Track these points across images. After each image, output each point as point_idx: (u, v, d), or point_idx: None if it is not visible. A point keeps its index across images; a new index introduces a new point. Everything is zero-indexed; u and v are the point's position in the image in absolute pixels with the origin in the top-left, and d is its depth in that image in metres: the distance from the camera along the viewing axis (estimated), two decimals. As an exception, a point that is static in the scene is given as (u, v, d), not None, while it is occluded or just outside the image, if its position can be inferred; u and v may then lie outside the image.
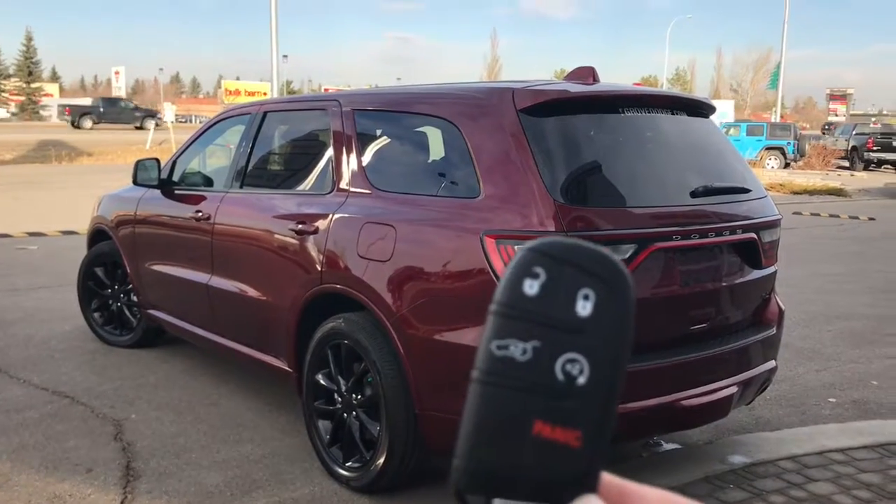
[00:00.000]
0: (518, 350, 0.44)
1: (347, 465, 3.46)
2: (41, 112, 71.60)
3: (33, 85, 74.88)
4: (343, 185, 3.65)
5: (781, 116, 41.74)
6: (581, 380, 0.44)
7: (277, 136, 4.59)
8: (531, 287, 0.44)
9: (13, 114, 72.59)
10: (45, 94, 77.83)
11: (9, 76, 74.20)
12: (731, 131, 29.83)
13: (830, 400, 4.72)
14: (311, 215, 3.69)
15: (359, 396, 3.42)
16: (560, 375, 0.44)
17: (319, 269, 3.57)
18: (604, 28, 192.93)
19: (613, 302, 0.44)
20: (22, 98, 73.13)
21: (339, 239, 3.49)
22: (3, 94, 72.62)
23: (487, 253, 2.88)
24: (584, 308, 0.44)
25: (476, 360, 0.45)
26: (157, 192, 5.03)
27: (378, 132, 3.78)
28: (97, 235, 5.80)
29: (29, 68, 75.86)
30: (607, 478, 0.46)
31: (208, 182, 4.91)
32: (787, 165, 29.90)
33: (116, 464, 3.66)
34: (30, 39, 77.48)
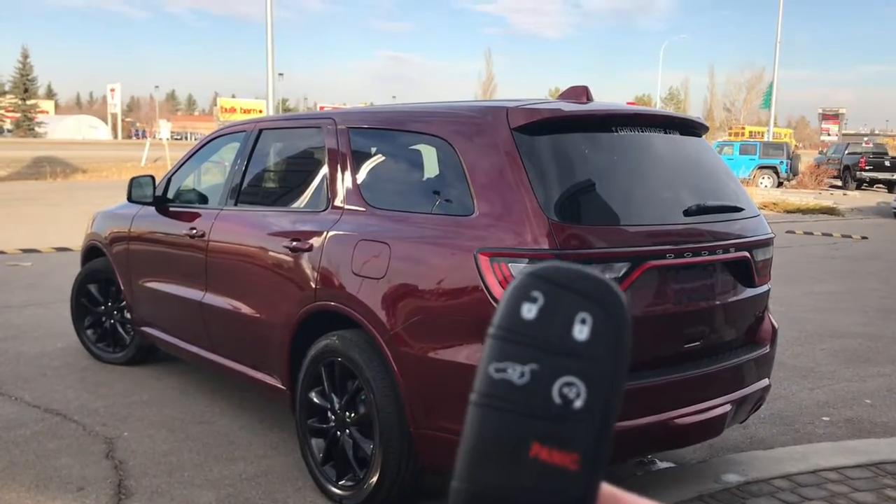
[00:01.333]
0: (516, 373, 0.44)
1: (341, 483, 3.44)
2: (37, 129, 71.65)
3: (29, 102, 74.97)
4: (338, 202, 3.66)
5: (774, 136, 41.93)
6: (578, 403, 0.44)
7: (272, 154, 4.60)
8: (529, 311, 0.45)
9: (9, 130, 72.70)
10: (41, 111, 77.96)
11: (4, 93, 74.29)
12: (725, 150, 29.97)
13: (824, 418, 4.72)
14: (306, 233, 3.70)
15: (352, 414, 3.41)
16: (557, 399, 0.44)
17: (314, 286, 3.57)
18: (598, 48, 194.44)
19: (610, 326, 0.45)
20: (17, 115, 73.19)
21: (334, 256, 3.49)
22: (-1, 111, 72.74)
23: (481, 270, 2.88)
24: (581, 332, 0.45)
25: (474, 382, 0.45)
26: (152, 209, 5.03)
27: (373, 150, 3.80)
28: (91, 252, 5.79)
29: (25, 85, 76.01)
30: (603, 488, 0.46)
31: (203, 199, 4.91)
32: (780, 184, 30.02)
33: (108, 482, 3.64)
34: (26, 57, 77.75)
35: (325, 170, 3.82)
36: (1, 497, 3.47)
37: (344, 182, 3.68)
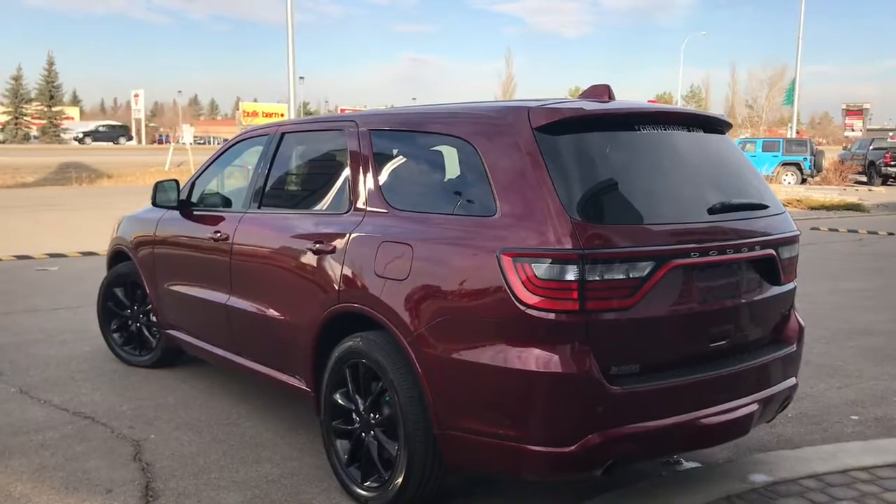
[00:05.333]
0: None
1: (366, 484, 3.45)
2: (62, 136, 72.47)
3: (54, 108, 75.80)
4: (360, 204, 3.67)
5: (797, 132, 41.52)
6: None
7: (295, 157, 4.62)
8: None
9: (35, 137, 73.63)
10: (66, 118, 78.78)
11: (31, 100, 75.19)
12: (748, 147, 29.73)
13: (853, 417, 4.66)
14: (329, 235, 3.71)
15: (377, 416, 3.41)
16: None
17: (337, 288, 3.58)
18: (618, 46, 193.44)
19: None
20: (43, 121, 74.06)
21: (357, 258, 3.50)
22: (25, 118, 73.62)
23: (504, 271, 2.88)
24: None
25: None
26: (176, 213, 5.08)
27: (394, 152, 3.80)
28: (117, 256, 5.85)
29: (50, 92, 76.83)
30: None
31: (227, 203, 4.94)
32: (803, 181, 29.73)
33: (136, 484, 3.68)
34: (51, 64, 78.56)
35: (347, 172, 3.83)
36: (31, 499, 3.52)
37: (366, 184, 3.69)
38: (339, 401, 3.59)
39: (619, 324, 2.90)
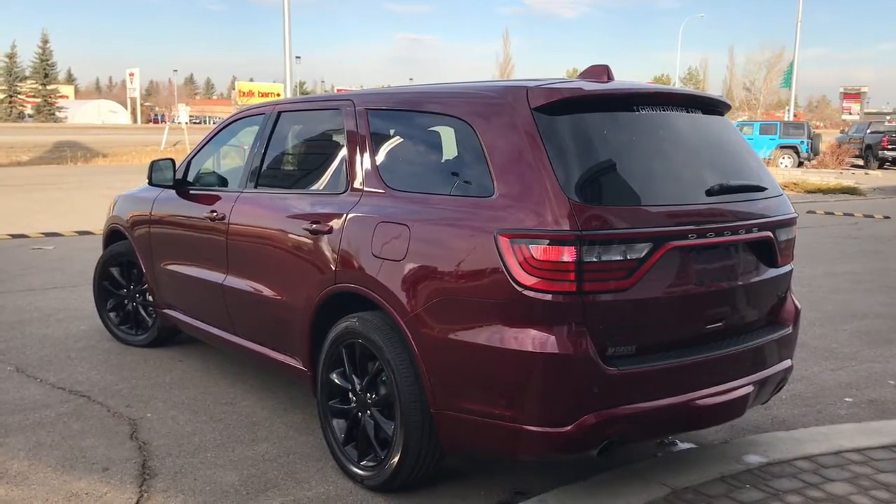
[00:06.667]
0: None
1: (362, 463, 3.46)
2: (57, 114, 72.13)
3: (49, 87, 75.37)
4: (357, 184, 3.65)
5: (795, 115, 41.49)
6: None
7: (291, 136, 4.60)
8: None
9: (30, 116, 73.27)
10: (61, 96, 78.40)
11: (25, 78, 74.76)
12: (745, 130, 29.70)
13: (847, 399, 4.69)
14: (326, 215, 3.70)
15: (373, 395, 3.42)
16: None
17: (334, 268, 3.57)
18: (616, 28, 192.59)
19: None
20: (38, 100, 73.67)
21: (354, 238, 3.50)
22: (20, 97, 73.20)
23: (501, 252, 2.87)
24: None
25: None
26: (173, 192, 5.06)
27: (391, 132, 3.78)
28: (113, 235, 5.84)
29: (45, 70, 76.38)
30: None
31: (223, 182, 4.92)
32: (800, 164, 29.74)
33: (132, 462, 3.69)
34: (46, 42, 78.04)
35: (344, 152, 3.82)
36: (28, 477, 3.52)
37: (363, 164, 3.67)
38: (336, 380, 3.60)
39: (616, 305, 2.90)
